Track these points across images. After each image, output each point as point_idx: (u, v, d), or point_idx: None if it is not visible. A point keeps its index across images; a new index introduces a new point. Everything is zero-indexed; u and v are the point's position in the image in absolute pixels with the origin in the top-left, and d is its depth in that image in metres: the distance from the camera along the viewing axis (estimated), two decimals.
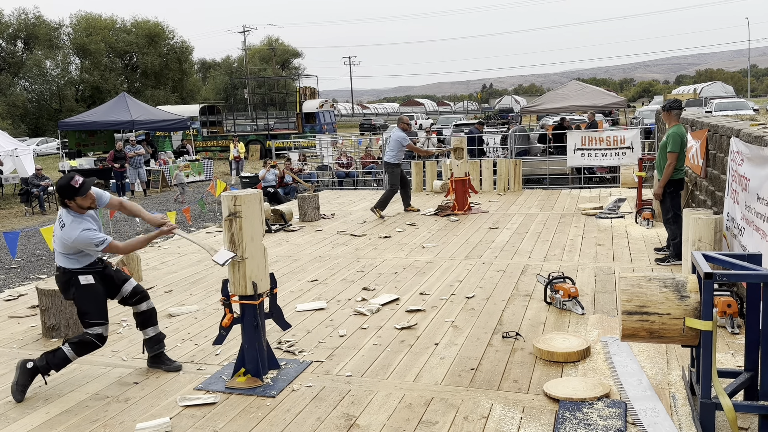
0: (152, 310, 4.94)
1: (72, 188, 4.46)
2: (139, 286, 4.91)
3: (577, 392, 4.06)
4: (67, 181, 4.49)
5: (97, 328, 4.63)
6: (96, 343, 4.66)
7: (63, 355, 4.61)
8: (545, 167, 15.51)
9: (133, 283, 4.88)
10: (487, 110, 56.20)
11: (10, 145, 18.45)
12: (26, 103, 50.62)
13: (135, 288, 4.87)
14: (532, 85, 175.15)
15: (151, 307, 4.94)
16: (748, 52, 75.33)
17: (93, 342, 4.65)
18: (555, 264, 7.34)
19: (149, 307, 4.92)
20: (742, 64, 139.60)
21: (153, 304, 4.97)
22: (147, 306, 4.90)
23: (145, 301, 4.90)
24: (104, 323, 4.66)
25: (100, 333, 4.65)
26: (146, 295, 4.92)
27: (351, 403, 4.22)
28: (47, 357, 4.61)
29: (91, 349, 4.70)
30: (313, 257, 8.36)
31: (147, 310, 4.90)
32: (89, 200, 4.55)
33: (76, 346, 4.63)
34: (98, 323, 4.63)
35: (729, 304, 5.02)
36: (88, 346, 4.66)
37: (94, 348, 4.69)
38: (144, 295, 4.90)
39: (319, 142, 23.51)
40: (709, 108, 28.69)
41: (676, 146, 6.96)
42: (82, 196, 4.49)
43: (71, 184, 4.46)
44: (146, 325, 4.91)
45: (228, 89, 62.30)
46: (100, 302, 4.67)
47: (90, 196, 4.55)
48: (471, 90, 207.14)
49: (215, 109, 34.42)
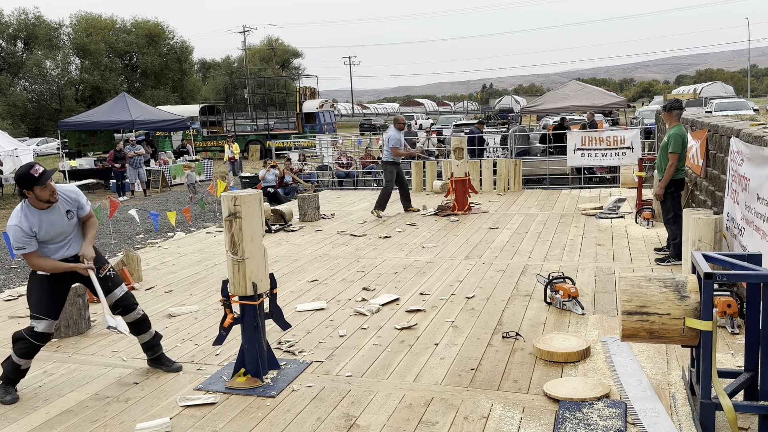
0: (140, 320, 4.81)
1: (31, 177, 4.28)
2: (123, 299, 4.73)
3: (577, 392, 4.06)
4: (27, 169, 4.30)
5: (34, 322, 4.46)
6: (29, 340, 4.45)
7: (11, 362, 4.49)
8: (545, 167, 15.51)
9: (117, 295, 4.72)
10: (487, 110, 56.19)
11: (10, 145, 18.47)
12: (26, 103, 50.63)
13: (117, 301, 4.71)
14: (532, 85, 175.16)
15: (139, 317, 4.79)
16: (748, 52, 75.35)
17: (25, 337, 4.46)
18: (555, 264, 7.34)
19: (136, 318, 4.78)
20: (742, 64, 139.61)
21: (141, 312, 4.83)
22: (133, 317, 4.77)
23: (130, 313, 4.76)
24: (43, 319, 4.45)
25: (33, 328, 4.44)
26: (130, 308, 4.75)
27: (351, 403, 4.22)
28: (3, 366, 4.53)
29: (30, 348, 4.48)
30: (313, 257, 8.36)
31: (134, 321, 4.78)
32: (48, 192, 4.35)
33: (16, 346, 4.49)
34: (37, 317, 4.46)
35: (729, 304, 5.02)
36: (23, 342, 4.46)
37: (31, 346, 4.47)
38: (127, 308, 4.73)
39: (319, 142, 23.50)
40: (709, 108, 28.69)
41: (677, 147, 6.95)
42: (41, 185, 4.31)
43: (31, 172, 4.29)
44: (138, 333, 4.83)
45: (228, 89, 62.33)
46: (46, 297, 4.49)
47: (49, 187, 4.35)
48: (471, 90, 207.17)
49: (215, 109, 34.43)
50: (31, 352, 4.53)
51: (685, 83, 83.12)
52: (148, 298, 6.85)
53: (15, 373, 4.54)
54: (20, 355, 4.50)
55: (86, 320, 5.92)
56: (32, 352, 4.53)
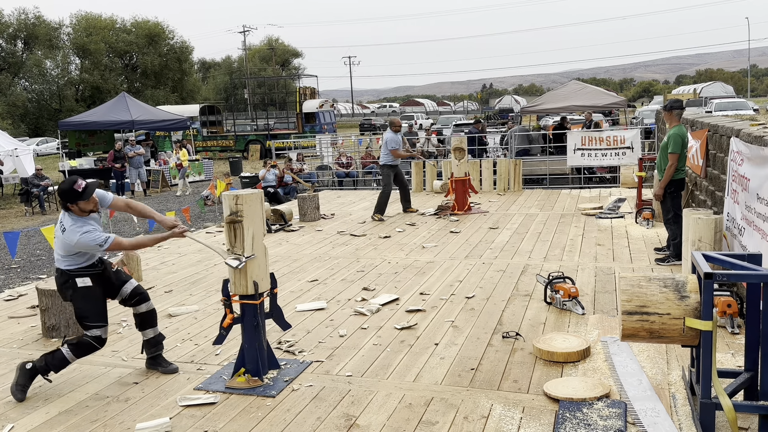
0: (152, 312, 4.91)
1: (75, 192, 4.41)
2: (138, 287, 4.88)
3: (577, 392, 4.06)
4: (70, 184, 4.43)
5: (95, 331, 4.61)
6: (95, 346, 4.64)
7: (61, 356, 4.59)
8: (545, 167, 15.51)
9: (133, 284, 4.86)
10: (487, 110, 56.18)
11: (10, 145, 18.45)
12: (26, 103, 50.60)
13: (134, 289, 4.84)
14: (532, 85, 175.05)
15: (151, 309, 4.91)
16: (748, 52, 75.34)
17: (91, 344, 4.63)
18: (555, 264, 7.34)
19: (149, 309, 4.89)
20: (742, 64, 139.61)
21: (153, 305, 4.94)
22: (147, 307, 4.88)
23: (145, 303, 4.87)
24: (103, 325, 4.64)
25: (99, 335, 4.62)
26: (146, 297, 4.89)
27: (351, 403, 4.22)
28: (46, 358, 4.60)
29: (90, 351, 4.68)
30: (313, 257, 8.36)
31: (146, 311, 4.88)
32: (92, 204, 4.51)
33: (75, 347, 4.61)
34: (96, 326, 4.61)
35: (729, 304, 5.02)
36: (86, 348, 4.64)
37: (92, 350, 4.67)
38: (143, 297, 4.87)
39: (319, 142, 23.51)
40: (709, 108, 28.68)
41: (677, 147, 6.95)
42: (85, 200, 4.44)
43: (74, 188, 4.41)
44: (145, 326, 4.89)
45: (228, 89, 62.31)
46: (99, 304, 4.64)
47: (93, 200, 4.51)
48: (471, 90, 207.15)
49: (215, 109, 34.43)
50: (87, 354, 4.71)
51: (685, 83, 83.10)
52: None
53: (59, 368, 4.64)
54: (78, 356, 4.65)
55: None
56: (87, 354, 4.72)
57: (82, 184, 4.44)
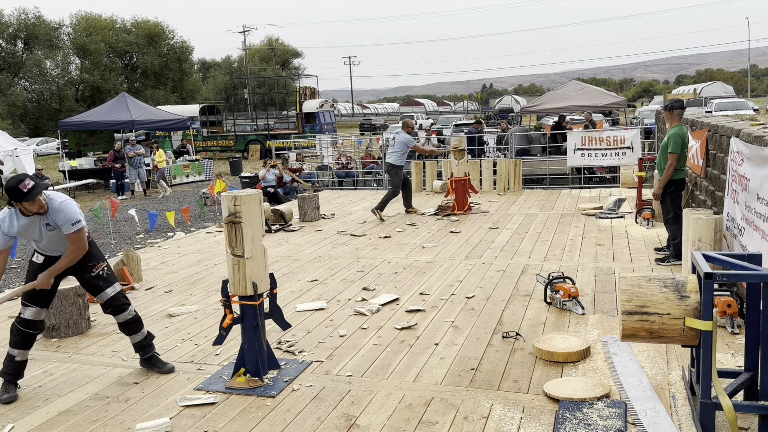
0: (131, 321, 4.80)
1: (19, 192, 4.24)
2: (113, 299, 4.72)
3: (577, 392, 4.06)
4: (16, 182, 4.26)
5: (22, 309, 4.52)
6: (18, 327, 4.50)
7: (7, 354, 4.54)
8: (545, 167, 15.51)
9: (108, 294, 4.71)
10: (487, 110, 56.18)
11: (10, 145, 18.46)
12: (26, 103, 50.61)
13: (108, 301, 4.71)
14: (532, 85, 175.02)
15: (130, 318, 4.79)
16: (748, 52, 75.35)
17: (16, 326, 4.50)
18: (555, 264, 7.34)
19: (126, 319, 4.78)
20: (742, 64, 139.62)
21: (133, 313, 4.82)
22: (124, 318, 4.77)
23: (121, 314, 4.76)
24: (30, 306, 4.50)
25: (27, 318, 4.50)
26: (120, 309, 4.74)
27: (351, 403, 4.22)
28: (3, 365, 4.56)
29: (21, 336, 4.51)
30: (313, 257, 8.36)
31: (124, 321, 4.78)
32: (36, 206, 4.34)
33: (11, 337, 4.54)
34: (25, 303, 4.52)
35: (729, 304, 5.02)
36: (14, 332, 4.52)
37: (24, 335, 4.51)
38: (117, 308, 4.73)
39: (319, 142, 23.50)
40: (709, 108, 28.68)
41: (677, 147, 6.95)
42: (29, 201, 4.29)
43: (19, 187, 4.23)
44: (130, 333, 4.84)
45: (228, 89, 62.33)
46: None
47: (38, 202, 4.33)
48: (471, 90, 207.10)
49: (215, 109, 34.42)
50: (24, 341, 4.56)
51: (685, 83, 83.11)
52: (148, 298, 6.85)
53: (12, 367, 4.55)
54: (13, 345, 4.54)
55: (86, 320, 5.92)
56: (25, 341, 4.56)
57: (28, 185, 4.26)
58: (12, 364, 4.56)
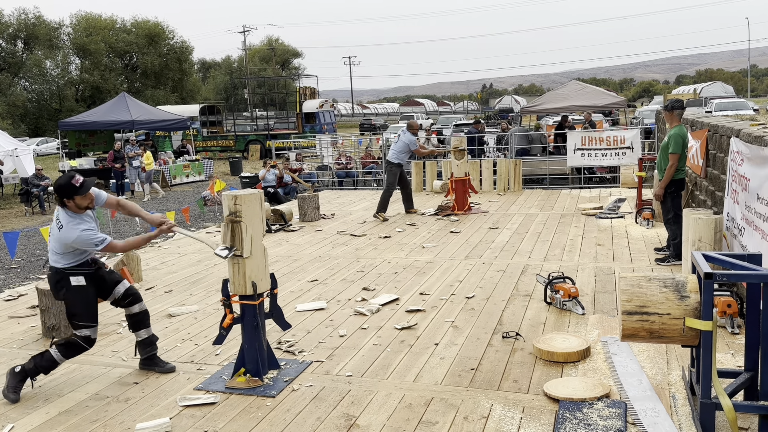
0: (144, 313, 4.88)
1: (72, 187, 4.42)
2: (131, 288, 4.85)
3: (577, 392, 4.06)
4: (68, 180, 4.44)
5: (85, 330, 4.59)
6: (83, 346, 4.61)
7: (50, 358, 4.57)
8: (545, 167, 15.51)
9: (125, 285, 4.83)
10: (487, 110, 56.17)
11: (10, 145, 18.45)
12: (26, 103, 50.61)
13: (127, 290, 4.82)
14: (532, 85, 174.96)
15: (144, 310, 4.88)
16: (748, 52, 75.35)
17: (80, 344, 4.60)
18: (555, 264, 7.34)
19: (141, 309, 4.86)
20: (742, 64, 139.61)
21: (146, 306, 4.91)
22: (139, 308, 4.84)
23: (138, 303, 4.84)
24: (93, 326, 4.62)
25: (88, 335, 4.60)
26: (138, 297, 4.86)
27: (351, 403, 4.22)
28: (35, 360, 4.58)
29: (79, 352, 4.65)
30: (313, 257, 8.36)
31: (139, 312, 4.85)
32: (88, 200, 4.51)
33: (64, 348, 4.59)
34: (86, 325, 4.59)
35: (729, 304, 5.02)
36: (75, 348, 4.61)
37: (81, 350, 4.64)
38: (136, 297, 4.84)
39: (319, 142, 23.51)
40: (709, 108, 28.68)
41: (677, 147, 6.95)
42: (82, 195, 4.44)
43: (72, 183, 4.42)
44: (138, 327, 4.87)
45: (228, 89, 62.28)
46: (90, 304, 4.62)
47: (89, 196, 4.51)
48: (471, 90, 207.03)
49: (215, 109, 34.42)
50: (76, 355, 4.70)
51: (685, 83, 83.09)
52: (148, 298, 6.84)
53: (48, 369, 4.64)
54: (66, 357, 4.64)
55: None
56: (76, 355, 4.70)
57: (79, 180, 4.45)
58: (52, 367, 4.64)
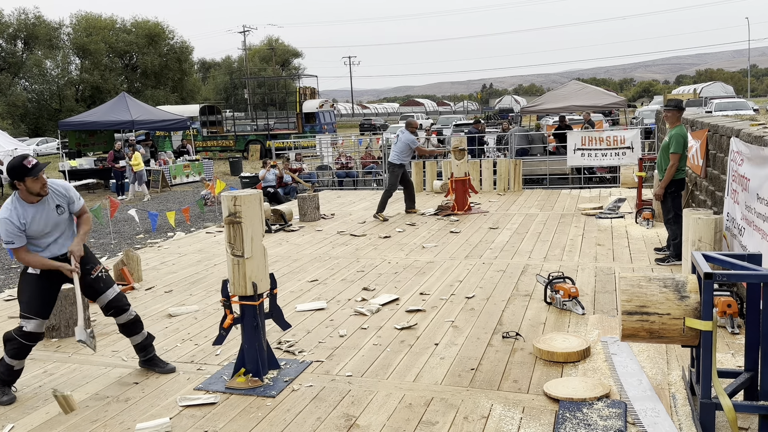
0: (133, 321, 4.78)
1: (24, 168, 4.26)
2: (115, 300, 4.70)
3: (577, 392, 4.06)
4: (20, 160, 4.29)
5: (24, 323, 4.43)
6: (19, 340, 4.42)
7: (4, 363, 4.47)
8: (545, 167, 15.51)
9: (111, 295, 4.69)
10: (487, 110, 56.18)
11: (10, 145, 18.48)
12: (26, 103, 50.61)
13: (110, 301, 4.68)
14: (532, 85, 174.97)
15: (131, 318, 4.77)
16: (748, 52, 75.34)
17: (14, 337, 4.43)
18: (555, 264, 7.34)
19: (128, 319, 4.76)
20: (742, 64, 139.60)
21: (134, 313, 4.80)
22: (126, 318, 4.75)
23: (124, 313, 4.73)
24: (32, 318, 4.43)
25: (29, 331, 4.42)
26: (123, 308, 4.72)
27: (351, 403, 4.22)
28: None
29: (20, 347, 4.45)
30: (313, 257, 8.36)
31: (126, 322, 4.76)
32: (39, 183, 4.33)
33: (7, 347, 4.46)
34: (27, 317, 4.44)
35: (729, 304, 5.02)
36: (13, 342, 4.44)
37: (23, 347, 4.45)
38: (119, 309, 4.71)
39: (319, 142, 23.51)
40: (709, 108, 28.68)
41: (678, 147, 6.95)
42: (33, 177, 4.28)
43: (24, 163, 4.27)
44: (131, 334, 4.82)
45: (228, 89, 62.32)
46: (36, 296, 4.46)
47: (41, 179, 4.34)
48: (471, 90, 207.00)
49: (215, 109, 34.43)
50: (22, 352, 4.51)
51: (685, 83, 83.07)
52: (148, 298, 6.85)
53: (9, 375, 4.52)
54: (12, 356, 4.48)
55: (86, 320, 5.90)
56: (23, 352, 4.51)
57: (32, 161, 4.31)
58: (10, 372, 4.52)
